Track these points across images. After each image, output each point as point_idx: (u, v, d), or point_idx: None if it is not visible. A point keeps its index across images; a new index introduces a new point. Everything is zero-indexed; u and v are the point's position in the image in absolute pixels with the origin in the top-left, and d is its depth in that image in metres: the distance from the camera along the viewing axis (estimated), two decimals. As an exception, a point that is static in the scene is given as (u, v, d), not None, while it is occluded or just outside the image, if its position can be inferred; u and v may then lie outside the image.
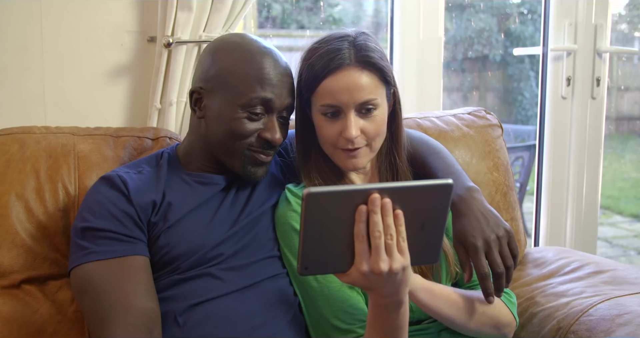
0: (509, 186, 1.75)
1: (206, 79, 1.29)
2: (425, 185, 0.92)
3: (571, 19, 2.32)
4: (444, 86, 4.30)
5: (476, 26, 3.87)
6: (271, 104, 1.27)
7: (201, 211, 1.29)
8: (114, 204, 1.22)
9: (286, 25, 3.51)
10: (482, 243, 1.16)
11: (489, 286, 1.17)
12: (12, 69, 1.66)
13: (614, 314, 1.37)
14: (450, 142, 1.69)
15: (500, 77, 4.45)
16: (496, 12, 3.94)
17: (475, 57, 4.16)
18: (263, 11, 3.40)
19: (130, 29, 1.73)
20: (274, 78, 1.27)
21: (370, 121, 1.26)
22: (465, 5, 3.51)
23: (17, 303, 1.35)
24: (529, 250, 1.81)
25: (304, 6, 3.38)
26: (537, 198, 2.42)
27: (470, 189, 1.25)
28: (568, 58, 2.34)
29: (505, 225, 1.20)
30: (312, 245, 0.90)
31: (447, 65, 4.20)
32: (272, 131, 1.27)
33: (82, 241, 1.20)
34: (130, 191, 1.24)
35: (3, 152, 1.40)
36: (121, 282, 1.17)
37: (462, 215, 1.21)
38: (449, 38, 3.81)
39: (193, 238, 1.25)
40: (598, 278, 1.57)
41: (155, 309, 1.18)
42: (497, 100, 4.71)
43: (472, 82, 4.41)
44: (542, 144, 2.40)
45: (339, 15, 3.73)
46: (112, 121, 1.73)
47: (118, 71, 1.74)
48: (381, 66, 1.25)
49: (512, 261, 1.18)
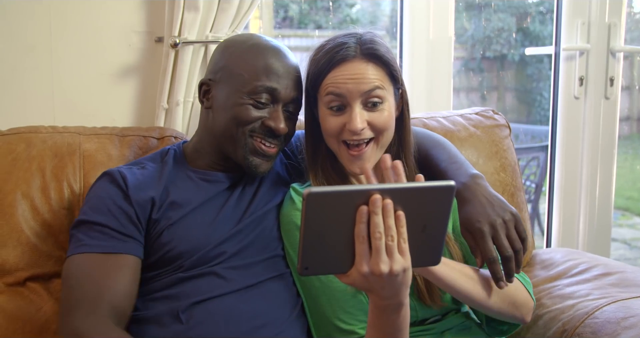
0: (517, 187, 1.73)
1: (215, 70, 1.33)
2: (426, 186, 0.91)
3: (584, 18, 2.29)
4: (461, 86, 4.26)
5: (494, 26, 3.84)
6: (276, 94, 1.27)
7: (205, 208, 1.29)
8: (111, 200, 1.24)
9: (303, 26, 3.51)
10: (488, 228, 1.15)
11: (498, 270, 1.15)
12: (21, 70, 1.68)
13: (619, 317, 1.35)
14: (457, 142, 1.68)
15: (518, 77, 4.42)
16: (514, 12, 3.91)
17: (493, 57, 4.13)
18: (280, 11, 3.41)
19: (138, 29, 1.75)
20: (281, 69, 1.29)
21: (377, 113, 1.24)
22: (483, 4, 3.48)
23: (21, 300, 1.36)
24: (537, 251, 1.80)
25: (321, 6, 3.39)
26: (550, 199, 2.40)
27: (473, 176, 1.24)
28: (581, 58, 2.31)
29: (511, 209, 1.18)
30: (313, 245, 0.89)
31: (465, 65, 4.18)
32: (277, 120, 1.28)
33: (77, 234, 1.23)
34: (129, 187, 1.25)
35: (9, 151, 1.42)
36: (102, 277, 1.18)
37: (466, 202, 1.20)
38: (467, 38, 3.79)
39: (196, 235, 1.25)
40: (605, 280, 1.55)
41: (127, 312, 1.19)
42: (515, 100, 4.68)
43: (490, 82, 4.38)
44: (555, 145, 2.37)
45: (356, 16, 3.73)
46: (120, 121, 1.74)
47: (126, 71, 1.75)
48: (387, 59, 1.24)
49: (521, 245, 1.16)
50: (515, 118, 4.62)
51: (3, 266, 1.36)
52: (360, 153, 1.26)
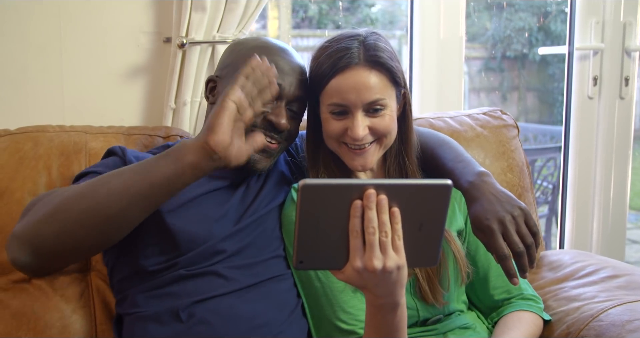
0: (524, 187, 1.71)
1: (222, 67, 1.35)
2: (422, 184, 0.91)
3: (598, 17, 2.27)
4: (481, 86, 4.22)
5: (515, 25, 3.81)
6: (280, 90, 1.27)
7: (207, 202, 1.29)
8: (113, 163, 1.28)
9: (323, 26, 3.51)
10: (498, 225, 1.13)
11: (510, 267, 1.14)
12: (32, 70, 1.71)
13: (624, 320, 1.33)
14: (463, 142, 1.67)
15: (540, 77, 4.38)
16: (536, 11, 3.87)
17: (514, 57, 4.10)
18: (300, 12, 3.42)
19: (147, 30, 1.77)
20: (286, 67, 1.29)
21: (378, 119, 1.25)
22: (505, 3, 3.46)
23: (27, 297, 1.38)
24: (546, 252, 1.78)
25: (341, 6, 3.39)
26: (563, 200, 2.37)
27: (480, 174, 1.23)
28: (595, 57, 2.29)
29: (519, 204, 1.16)
30: (307, 238, 0.89)
31: (486, 64, 4.15)
32: (279, 115, 1.28)
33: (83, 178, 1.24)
34: (127, 156, 1.29)
35: (17, 150, 1.44)
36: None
37: (474, 200, 1.19)
38: (488, 37, 3.77)
39: (198, 228, 1.25)
40: (613, 282, 1.52)
41: None
42: (536, 100, 4.63)
43: (511, 82, 4.34)
44: (568, 145, 2.34)
45: (376, 16, 3.72)
46: (129, 120, 1.77)
47: (135, 72, 1.78)
48: (390, 66, 1.24)
49: (532, 239, 1.14)
50: (537, 118, 4.58)
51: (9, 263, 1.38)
52: (363, 152, 1.27)
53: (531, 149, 4.02)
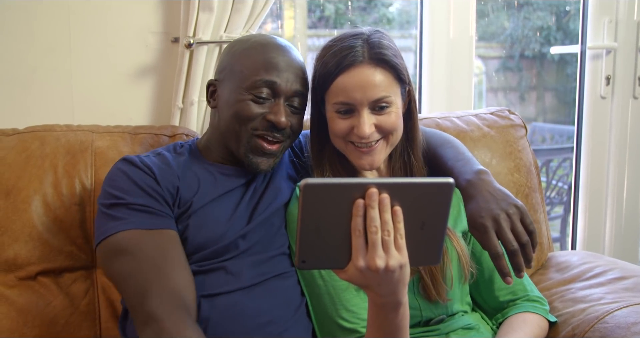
0: (531, 187, 1.70)
1: (220, 70, 1.35)
2: (424, 183, 0.90)
3: (611, 16, 2.24)
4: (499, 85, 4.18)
5: (534, 24, 3.78)
6: (276, 88, 1.28)
7: (222, 203, 1.30)
8: (144, 183, 1.24)
9: (339, 25, 3.51)
10: (491, 222, 1.12)
11: (503, 266, 1.12)
12: (42, 70, 1.72)
13: (630, 322, 1.32)
14: (470, 142, 1.66)
15: (559, 77, 4.33)
16: (555, 10, 3.83)
17: (532, 56, 4.06)
18: (316, 11, 3.42)
19: (155, 30, 1.78)
20: (281, 63, 1.29)
21: (384, 116, 1.25)
22: (523, 2, 3.43)
23: (32, 294, 1.40)
24: (554, 253, 1.76)
25: (357, 6, 3.38)
26: (575, 201, 2.35)
27: (478, 172, 1.23)
28: (607, 56, 2.26)
29: (515, 202, 1.15)
30: (310, 238, 0.89)
31: (503, 64, 4.11)
32: (277, 114, 1.28)
33: (116, 214, 1.21)
34: (156, 174, 1.26)
35: (24, 149, 1.46)
36: (162, 250, 1.18)
37: (471, 198, 1.19)
38: (506, 37, 3.73)
39: (212, 230, 1.26)
40: (620, 284, 1.50)
41: (193, 281, 1.19)
42: (555, 100, 4.58)
43: (529, 81, 4.30)
44: (580, 146, 2.32)
45: (392, 15, 3.71)
46: (137, 119, 1.78)
47: (143, 72, 1.79)
48: (395, 63, 1.24)
49: (527, 238, 1.13)
50: (555, 118, 4.53)
51: (15, 260, 1.40)
52: (370, 150, 1.27)
53: (547, 150, 3.98)
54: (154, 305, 1.11)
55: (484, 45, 3.75)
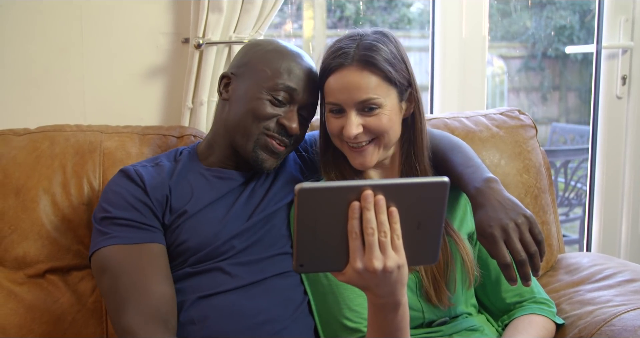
0: (541, 188, 1.68)
1: (238, 65, 1.37)
2: (419, 183, 0.90)
3: (628, 15, 2.21)
4: (521, 85, 4.14)
5: (556, 24, 3.73)
6: (295, 95, 1.31)
7: (217, 206, 1.32)
8: (132, 196, 1.28)
9: (359, 26, 3.50)
10: (500, 232, 1.12)
11: (512, 275, 1.13)
12: (54, 71, 1.75)
13: (637, 325, 1.30)
14: (478, 143, 1.65)
15: (582, 77, 4.28)
16: (578, 9, 3.79)
17: (555, 56, 4.01)
18: (336, 11, 3.41)
19: (166, 31, 1.80)
20: (301, 73, 1.32)
21: (373, 118, 1.25)
22: (546, 2, 3.39)
23: (40, 291, 1.42)
24: (564, 255, 1.74)
25: (378, 6, 3.37)
26: (590, 203, 2.31)
27: (487, 180, 1.22)
28: (624, 56, 2.22)
29: (525, 211, 1.15)
30: (307, 242, 0.89)
31: (526, 64, 4.07)
32: (291, 120, 1.31)
33: (103, 228, 1.26)
34: (147, 185, 1.29)
35: (34, 148, 1.49)
36: (141, 266, 1.21)
37: (479, 207, 1.18)
38: (528, 36, 3.70)
39: (206, 232, 1.28)
40: (630, 286, 1.48)
41: (173, 295, 1.22)
42: (577, 100, 4.53)
43: (551, 81, 4.25)
44: (595, 146, 2.29)
45: (413, 15, 3.69)
46: (148, 120, 1.80)
47: (154, 72, 1.81)
48: (383, 66, 1.23)
49: (536, 248, 1.13)
50: (577, 119, 4.47)
51: (24, 258, 1.42)
52: (361, 150, 1.27)
53: (567, 150, 3.93)
54: (129, 319, 1.16)
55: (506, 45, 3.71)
